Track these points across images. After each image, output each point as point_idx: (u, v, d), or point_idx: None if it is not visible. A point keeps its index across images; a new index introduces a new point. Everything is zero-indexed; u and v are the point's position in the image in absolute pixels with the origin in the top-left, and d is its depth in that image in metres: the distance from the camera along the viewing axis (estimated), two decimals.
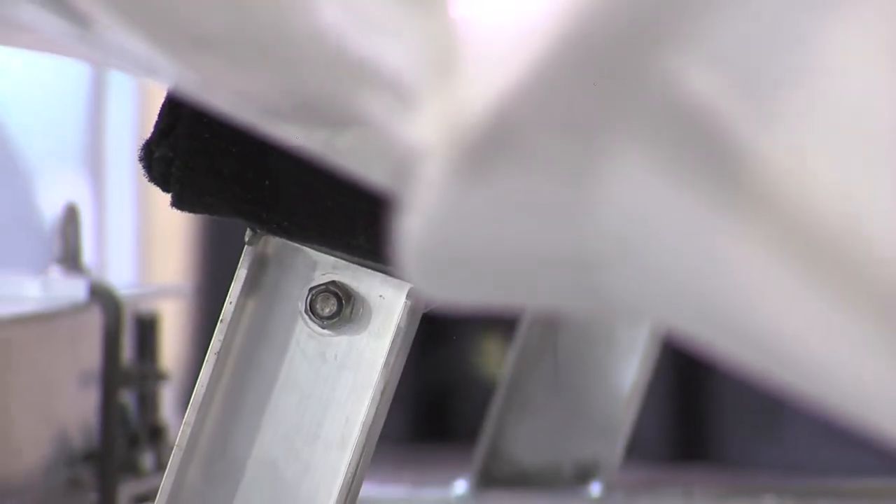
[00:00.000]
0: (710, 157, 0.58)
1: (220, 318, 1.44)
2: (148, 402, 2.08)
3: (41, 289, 1.99)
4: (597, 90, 0.56)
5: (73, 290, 1.99)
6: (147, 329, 2.10)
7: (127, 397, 2.04)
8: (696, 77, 0.56)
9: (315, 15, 0.74)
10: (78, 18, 0.98)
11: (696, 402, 4.37)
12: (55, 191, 4.70)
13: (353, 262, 1.42)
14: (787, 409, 4.07)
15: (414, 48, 0.65)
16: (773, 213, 0.58)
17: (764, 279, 0.60)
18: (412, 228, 0.65)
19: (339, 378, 1.43)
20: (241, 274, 1.43)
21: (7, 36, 1.56)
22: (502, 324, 3.81)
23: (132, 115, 5.48)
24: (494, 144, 0.61)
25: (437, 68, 0.62)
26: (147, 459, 2.05)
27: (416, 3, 0.64)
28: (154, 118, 1.48)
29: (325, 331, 1.43)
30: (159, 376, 2.10)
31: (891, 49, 0.52)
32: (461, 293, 0.72)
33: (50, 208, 2.08)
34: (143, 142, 1.44)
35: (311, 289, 1.43)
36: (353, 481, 1.42)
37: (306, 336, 1.43)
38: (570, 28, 0.56)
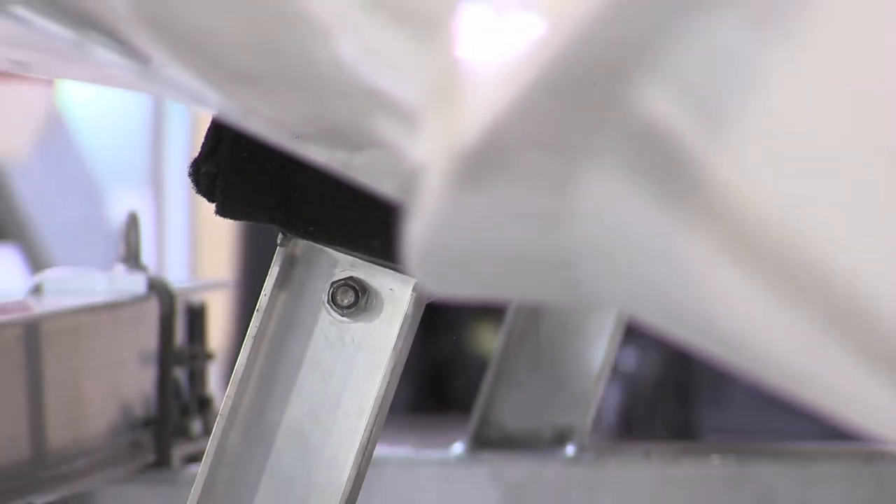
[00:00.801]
0: (671, 172, 0.57)
1: (257, 307, 1.43)
2: (197, 378, 2.08)
3: (108, 283, 1.98)
4: (574, 115, 0.56)
5: (134, 284, 1.99)
6: (196, 316, 2.09)
7: (179, 374, 2.03)
8: (658, 104, 0.55)
9: (335, 54, 0.73)
10: (140, 57, 0.98)
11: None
12: (122, 202, 4.69)
13: (367, 261, 1.42)
14: (732, 383, 4.06)
15: (420, 81, 0.65)
16: (723, 220, 0.57)
17: (717, 278, 0.59)
18: (416, 233, 0.64)
19: (356, 358, 1.43)
20: (273, 270, 1.43)
21: (83, 73, 1.55)
22: (492, 312, 3.81)
23: (185, 138, 5.48)
24: (487, 161, 0.60)
25: (439, 98, 0.61)
26: (196, 426, 2.05)
27: (422, 41, 0.63)
28: (202, 140, 1.47)
29: (345, 318, 1.42)
30: (206, 356, 2.10)
31: (828, 79, 0.51)
32: (458, 287, 0.71)
33: (116, 217, 2.07)
34: (193, 160, 1.45)
35: (332, 283, 1.43)
36: (367, 444, 1.42)
37: (328, 323, 1.43)
38: (551, 63, 0.55)
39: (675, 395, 4.33)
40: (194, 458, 1.96)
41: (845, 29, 0.50)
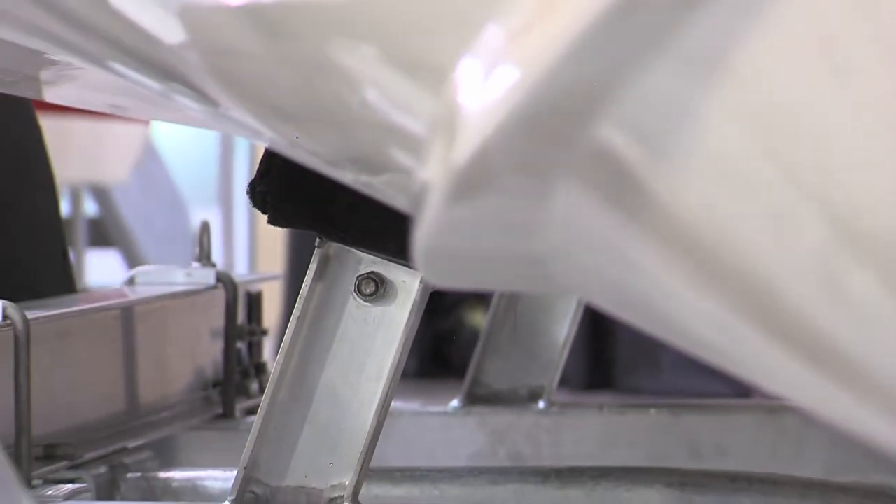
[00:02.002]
0: (623, 191, 0.56)
1: (300, 295, 1.43)
2: (254, 349, 2.07)
3: (185, 277, 1.98)
4: (544, 144, 0.55)
5: (206, 277, 1.98)
6: (254, 301, 2.09)
7: (240, 346, 2.03)
8: (611, 136, 0.55)
9: (362, 98, 0.72)
10: (210, 102, 0.97)
11: (604, 349, 4.36)
12: (198, 214, 4.67)
13: (385, 259, 1.41)
14: (666, 353, 4.06)
15: (427, 119, 0.64)
16: (663, 229, 0.56)
17: (658, 274, 0.59)
18: (421, 237, 0.64)
19: (376, 335, 1.42)
20: (312, 266, 1.43)
21: (168, 114, 1.54)
22: (481, 297, 3.80)
23: (246, 164, 5.47)
24: (475, 181, 0.59)
25: (441, 132, 0.61)
26: (253, 386, 2.04)
27: (430, 89, 0.62)
28: (258, 165, 1.47)
29: (367, 304, 1.42)
30: (261, 332, 2.09)
31: (744, 117, 0.50)
32: (454, 279, 0.71)
33: (194, 225, 2.06)
34: (250, 181, 1.45)
35: (358, 276, 1.42)
36: (385, 400, 1.41)
37: (355, 307, 1.42)
38: (522, 102, 0.55)
39: (616, 360, 4.33)
40: (251, 411, 1.95)
41: (760, 77, 0.49)
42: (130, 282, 1.98)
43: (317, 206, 1.43)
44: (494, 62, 0.57)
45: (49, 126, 2.07)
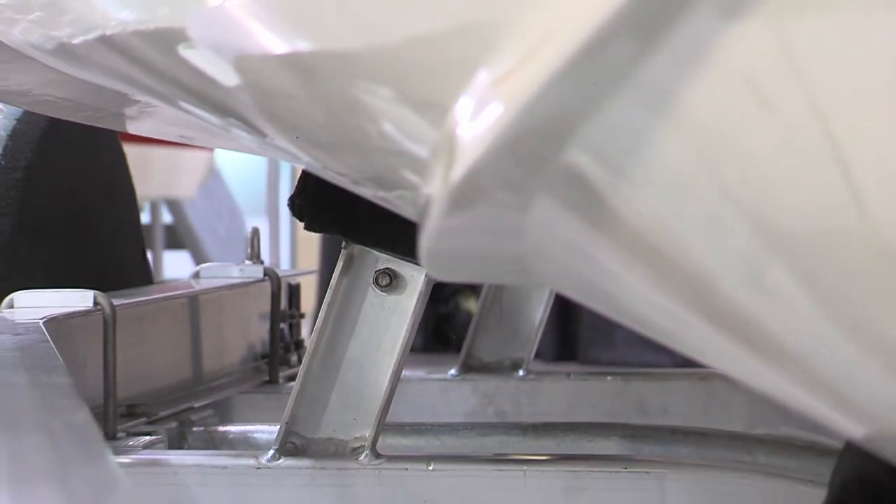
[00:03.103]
0: (590, 203, 0.55)
1: (330, 286, 1.42)
2: (293, 329, 2.07)
3: (239, 272, 1.98)
4: (523, 165, 0.55)
5: (255, 272, 1.98)
6: (294, 291, 2.08)
7: (283, 326, 2.02)
8: (580, 158, 0.54)
9: (380, 130, 0.72)
10: (260, 133, 0.97)
11: (570, 329, 4.35)
12: (250, 222, 4.67)
13: (397, 258, 1.41)
14: (619, 331, 4.05)
15: (430, 147, 0.63)
16: (623, 234, 0.56)
17: (619, 271, 0.58)
18: (425, 241, 0.63)
19: (390, 319, 1.41)
20: (340, 264, 1.42)
21: (226, 143, 1.54)
22: (474, 287, 3.80)
23: (288, 181, 5.46)
24: (468, 196, 0.59)
25: (441, 157, 0.60)
26: (293, 358, 2.04)
27: (434, 122, 0.62)
28: (297, 182, 1.47)
29: (383, 293, 1.41)
30: (299, 316, 2.09)
31: (687, 142, 0.50)
32: (452, 274, 0.70)
33: (247, 231, 2.06)
34: (290, 196, 1.45)
35: (375, 271, 1.42)
36: (397, 370, 1.41)
37: (373, 296, 1.41)
38: (504, 131, 0.55)
39: (563, 333, 4.33)
40: (291, 378, 1.95)
41: (700, 110, 0.49)
42: (196, 276, 1.98)
43: (343, 216, 1.43)
44: (484, 101, 0.56)
45: (132, 153, 2.07)
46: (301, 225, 1.51)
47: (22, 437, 0.83)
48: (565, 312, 4.21)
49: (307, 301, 2.15)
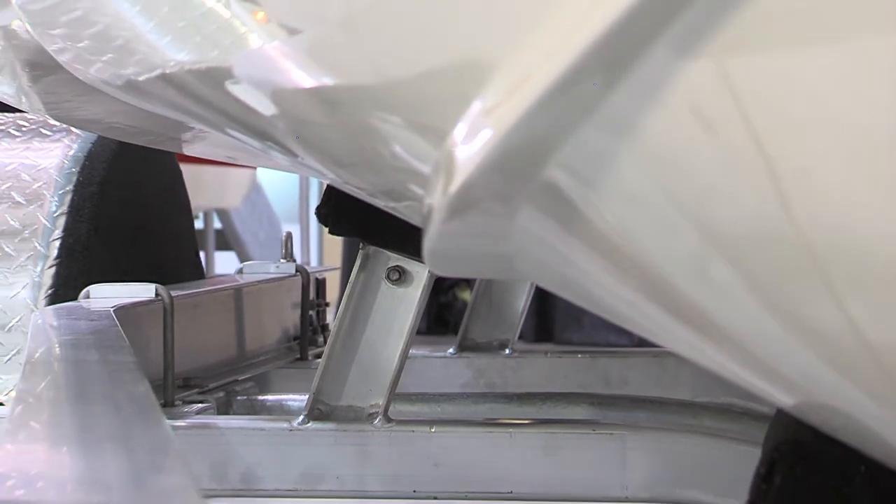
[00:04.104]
0: (566, 213, 0.55)
1: (349, 280, 1.42)
2: (320, 315, 2.06)
3: (276, 268, 1.97)
4: (509, 180, 0.54)
5: (289, 269, 1.97)
6: (320, 284, 2.08)
7: (311, 313, 2.02)
8: (557, 175, 0.54)
9: (391, 151, 0.71)
10: (293, 154, 0.96)
11: (547, 315, 4.35)
12: (285, 227, 4.66)
13: (406, 256, 1.41)
14: (588, 316, 4.05)
15: (433, 166, 0.63)
16: (594, 238, 0.55)
17: (592, 269, 0.58)
18: (427, 243, 0.63)
19: (399, 307, 1.41)
20: (358, 262, 1.42)
21: (265, 162, 1.53)
22: (469, 280, 3.80)
23: (317, 193, 5.45)
24: (463, 206, 0.58)
25: (440, 173, 0.60)
26: (320, 339, 2.04)
27: (435, 144, 0.61)
28: (323, 194, 1.47)
29: (393, 286, 1.41)
30: (325, 304, 2.08)
31: (646, 164, 0.49)
32: (450, 270, 0.70)
33: (282, 235, 2.06)
34: (317, 206, 1.45)
35: (387, 268, 1.41)
36: (405, 349, 1.40)
37: (385, 288, 1.41)
38: (491, 151, 0.54)
39: (542, 318, 4.32)
40: (318, 356, 1.95)
41: (655, 134, 0.48)
42: (240, 272, 1.98)
43: (360, 222, 1.43)
44: (476, 127, 0.56)
45: (187, 170, 2.07)
46: (326, 230, 1.50)
47: (92, 406, 0.83)
48: (543, 301, 4.20)
49: (331, 292, 2.15)
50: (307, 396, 1.42)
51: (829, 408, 0.54)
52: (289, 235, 2.05)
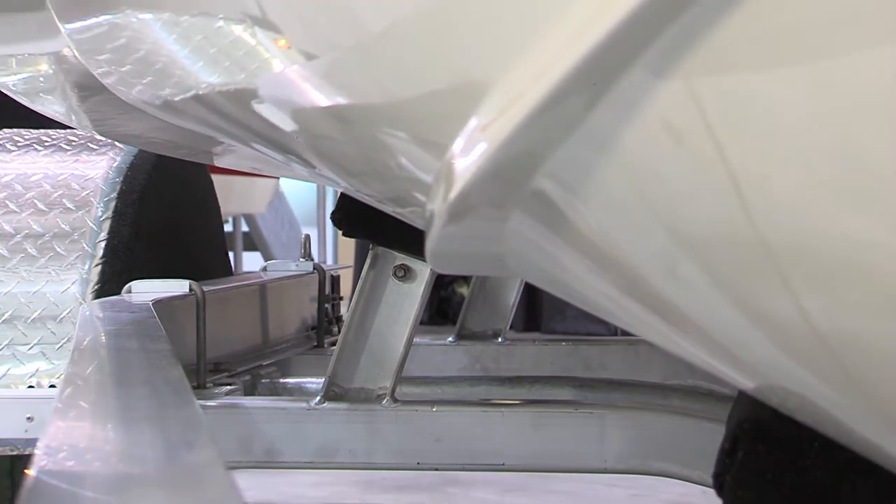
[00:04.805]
0: (553, 217, 0.55)
1: (361, 276, 1.42)
2: (335, 308, 2.06)
3: (296, 266, 1.97)
4: (502, 188, 0.54)
5: (307, 267, 1.97)
6: (335, 281, 2.07)
7: (327, 306, 2.02)
8: (544, 183, 0.53)
9: (398, 162, 0.71)
10: (311, 165, 0.96)
11: (535, 307, 4.35)
12: (304, 230, 4.66)
13: (411, 256, 1.41)
14: (570, 308, 4.05)
15: (434, 175, 0.63)
16: (576, 239, 0.55)
17: (576, 268, 0.57)
18: (429, 244, 0.63)
19: (405, 301, 1.41)
20: (368, 260, 1.42)
21: (287, 172, 1.53)
22: (466, 277, 3.79)
23: (332, 200, 5.44)
24: (460, 212, 0.58)
25: (441, 182, 0.59)
26: (335, 329, 2.03)
27: (437, 156, 0.61)
28: (337, 200, 1.47)
29: (399, 282, 1.41)
30: (339, 298, 2.08)
31: (620, 179, 0.49)
32: (449, 268, 0.69)
33: (301, 237, 2.05)
34: (332, 211, 1.45)
35: (394, 266, 1.41)
36: (410, 337, 1.40)
37: (392, 284, 1.41)
38: (485, 162, 0.54)
39: (529, 309, 4.32)
40: (333, 344, 1.94)
41: (631, 147, 0.48)
42: (264, 269, 1.97)
43: (371, 226, 1.42)
44: (473, 141, 0.56)
45: (217, 180, 2.07)
46: (340, 232, 1.50)
47: (132, 388, 0.83)
48: (532, 295, 4.20)
49: (345, 287, 2.14)
50: (323, 380, 1.42)
51: (785, 390, 0.54)
52: (307, 237, 2.04)
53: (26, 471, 0.57)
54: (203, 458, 0.62)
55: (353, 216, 1.46)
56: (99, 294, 1.56)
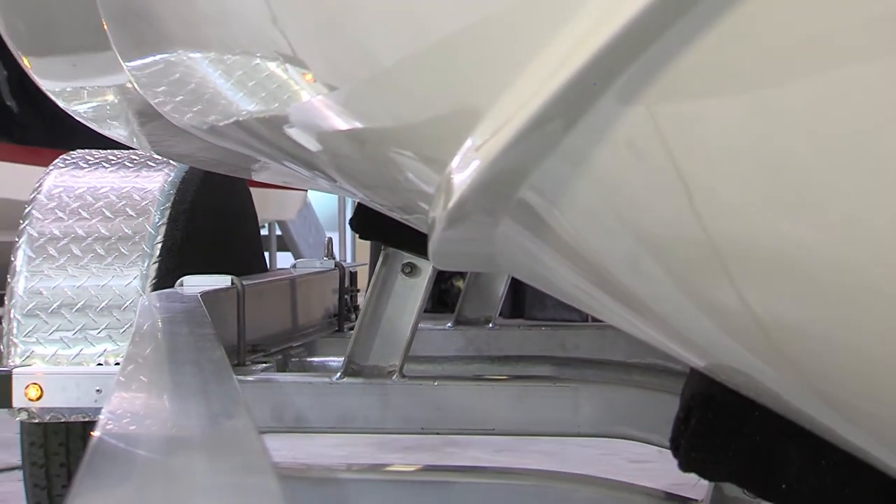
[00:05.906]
0: (536, 223, 0.54)
1: (374, 273, 1.41)
2: (353, 298, 2.06)
3: (320, 264, 1.96)
4: (492, 198, 0.54)
5: (329, 264, 1.97)
6: (353, 276, 2.07)
7: (346, 297, 2.01)
8: (529, 195, 0.53)
9: (404, 176, 0.71)
10: (332, 179, 0.95)
11: (519, 296, 4.34)
12: (327, 233, 4.64)
13: (417, 255, 1.40)
14: (550, 298, 4.04)
15: (436, 187, 0.62)
16: (558, 242, 0.55)
17: (557, 267, 0.57)
18: (431, 246, 0.62)
19: (410, 294, 1.41)
20: (381, 259, 1.41)
21: (313, 185, 1.52)
22: (463, 272, 3.78)
23: (351, 208, 5.43)
24: (457, 218, 0.58)
25: (441, 193, 0.59)
26: (353, 316, 2.02)
27: (438, 170, 0.61)
28: (354, 209, 1.46)
29: (407, 277, 1.40)
30: (356, 291, 2.07)
31: (600, 186, 0.49)
32: (448, 266, 0.69)
33: (325, 239, 2.05)
34: (350, 218, 1.44)
35: (402, 264, 1.40)
36: (415, 323, 1.40)
37: (401, 279, 1.41)
38: (479, 176, 0.54)
39: (516, 299, 4.31)
40: (351, 328, 1.93)
41: (605, 166, 0.48)
42: (294, 267, 1.97)
43: (383, 230, 1.42)
44: (468, 158, 0.55)
45: (255, 192, 2.06)
46: (357, 236, 1.49)
47: (182, 366, 0.83)
48: (517, 288, 4.19)
49: (361, 281, 2.14)
50: (343, 358, 1.42)
51: (730, 367, 0.54)
52: (330, 240, 2.05)
53: (92, 433, 0.57)
54: (239, 426, 0.62)
55: (367, 222, 1.45)
56: (155, 287, 1.56)
